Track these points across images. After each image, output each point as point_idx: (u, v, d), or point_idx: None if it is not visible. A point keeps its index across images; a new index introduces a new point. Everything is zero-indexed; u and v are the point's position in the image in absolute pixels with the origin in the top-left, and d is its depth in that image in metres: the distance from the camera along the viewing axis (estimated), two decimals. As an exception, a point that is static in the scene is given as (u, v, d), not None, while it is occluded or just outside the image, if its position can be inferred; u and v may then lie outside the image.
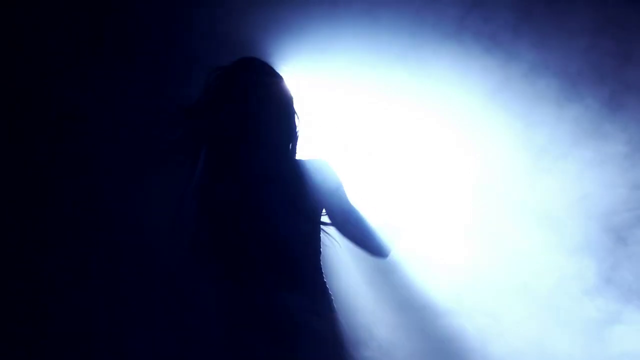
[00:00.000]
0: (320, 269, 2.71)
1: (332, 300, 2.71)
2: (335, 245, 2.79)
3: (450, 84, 3.73)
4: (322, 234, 2.72)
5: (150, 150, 3.13)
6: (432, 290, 3.73)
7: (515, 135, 3.76)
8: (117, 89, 3.41)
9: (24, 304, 3.20)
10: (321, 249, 2.73)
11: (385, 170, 3.37)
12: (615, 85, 3.75)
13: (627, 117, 3.75)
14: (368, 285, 3.74)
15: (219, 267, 2.64)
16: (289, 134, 2.73)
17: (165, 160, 2.84)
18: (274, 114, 2.71)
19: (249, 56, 2.81)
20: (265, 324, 2.60)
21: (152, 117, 3.29)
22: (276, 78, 2.76)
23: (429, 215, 3.69)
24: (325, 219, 2.70)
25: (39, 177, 3.31)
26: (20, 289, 3.21)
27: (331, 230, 2.75)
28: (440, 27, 3.74)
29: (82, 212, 3.32)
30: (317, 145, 3.23)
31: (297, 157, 2.76)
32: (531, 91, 3.77)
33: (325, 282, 2.73)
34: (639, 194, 3.74)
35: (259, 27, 3.60)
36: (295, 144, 2.75)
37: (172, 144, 2.73)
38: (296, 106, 2.79)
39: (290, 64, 3.57)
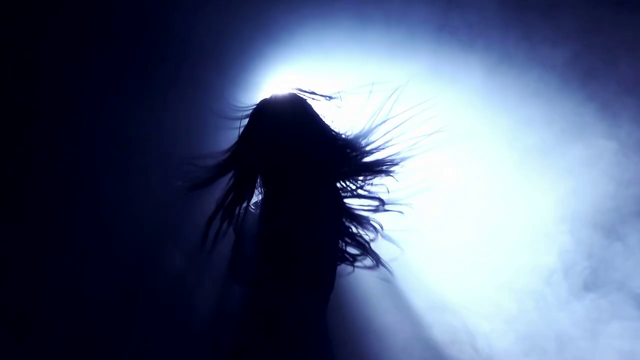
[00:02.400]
0: (334, 276, 2.75)
1: None
2: None
3: (437, 81, 3.73)
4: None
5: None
6: (420, 288, 3.73)
7: (503, 132, 3.77)
8: (117, 88, 3.42)
9: (23, 304, 3.20)
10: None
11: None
12: (604, 82, 3.76)
13: (615, 114, 3.76)
14: (358, 284, 3.73)
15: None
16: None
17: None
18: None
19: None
20: (277, 323, 2.62)
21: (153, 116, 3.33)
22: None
23: (415, 214, 3.70)
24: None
25: (39, 177, 3.32)
26: (20, 289, 3.22)
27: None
28: (428, 24, 3.76)
29: (81, 212, 3.33)
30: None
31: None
32: (519, 88, 3.78)
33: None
34: (627, 191, 3.73)
35: (254, 26, 3.62)
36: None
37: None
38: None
39: (284, 63, 3.61)
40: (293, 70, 3.61)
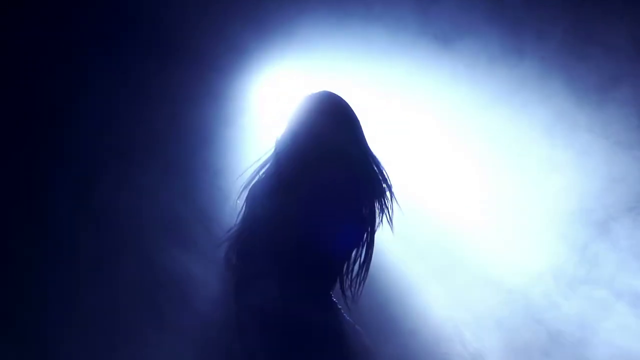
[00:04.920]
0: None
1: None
2: None
3: (420, 79, 3.75)
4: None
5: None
6: (410, 286, 3.75)
7: (490, 130, 3.80)
8: (117, 88, 3.42)
9: (23, 305, 3.20)
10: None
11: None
12: (593, 79, 3.78)
13: (604, 111, 3.79)
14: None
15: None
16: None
17: None
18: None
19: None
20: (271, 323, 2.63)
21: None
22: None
23: (408, 208, 3.72)
24: None
25: (39, 177, 3.32)
26: (20, 290, 3.22)
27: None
28: (409, 20, 3.76)
29: (81, 211, 3.33)
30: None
31: None
32: (506, 85, 3.80)
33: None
34: (616, 188, 3.78)
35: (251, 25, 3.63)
36: None
37: None
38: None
39: (279, 64, 3.61)
40: (284, 68, 3.63)
